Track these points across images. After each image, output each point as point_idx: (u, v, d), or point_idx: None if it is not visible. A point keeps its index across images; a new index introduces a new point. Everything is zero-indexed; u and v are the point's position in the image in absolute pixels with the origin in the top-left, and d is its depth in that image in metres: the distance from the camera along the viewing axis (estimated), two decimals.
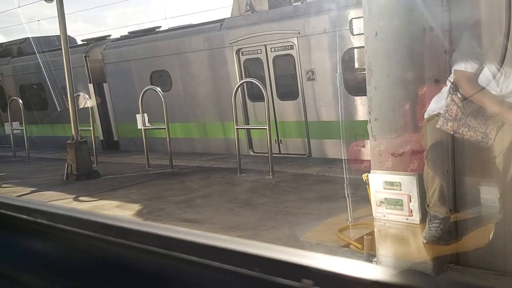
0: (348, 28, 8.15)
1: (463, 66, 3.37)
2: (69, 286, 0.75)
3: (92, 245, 0.69)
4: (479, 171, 3.53)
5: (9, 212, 0.84)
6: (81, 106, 10.38)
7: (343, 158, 4.86)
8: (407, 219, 3.67)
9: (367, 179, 3.88)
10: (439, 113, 3.47)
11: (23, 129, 11.89)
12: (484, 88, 3.32)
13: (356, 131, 7.38)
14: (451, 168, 3.47)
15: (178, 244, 0.57)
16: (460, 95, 3.39)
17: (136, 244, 0.60)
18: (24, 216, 0.80)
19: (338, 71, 7.02)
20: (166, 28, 12.38)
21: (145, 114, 9.39)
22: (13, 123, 12.49)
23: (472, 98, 3.36)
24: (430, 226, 3.46)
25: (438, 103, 3.53)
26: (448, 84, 3.46)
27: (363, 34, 3.86)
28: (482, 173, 3.50)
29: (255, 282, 0.51)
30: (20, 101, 12.01)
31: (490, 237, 3.31)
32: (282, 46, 9.34)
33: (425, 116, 3.57)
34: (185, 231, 0.59)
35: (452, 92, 3.42)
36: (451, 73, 3.46)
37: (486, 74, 3.34)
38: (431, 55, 3.58)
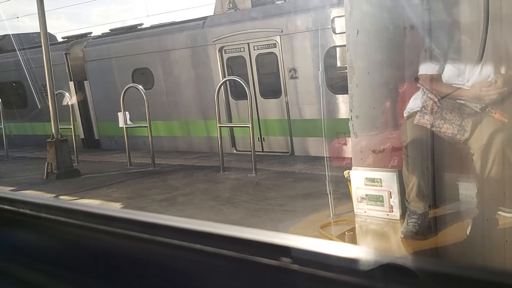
0: (330, 26, 8.21)
1: (425, 70, 3.50)
2: (54, 274, 0.76)
3: (75, 233, 0.70)
4: (457, 168, 3.60)
5: None
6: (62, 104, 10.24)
7: (325, 155, 4.91)
8: (388, 215, 3.73)
9: (349, 175, 3.93)
10: (418, 110, 3.54)
11: (1, 128, 11.69)
12: (451, 85, 3.45)
13: (338, 129, 7.44)
14: (430, 165, 3.54)
15: (160, 229, 0.58)
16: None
17: (120, 231, 0.61)
18: (7, 207, 0.80)
19: (320, 69, 7.07)
20: (149, 25, 12.30)
21: (127, 112, 9.31)
22: None
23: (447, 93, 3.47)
24: (408, 221, 3.52)
25: (416, 101, 3.61)
26: None
27: (345, 32, 3.91)
28: (460, 170, 3.58)
29: (236, 262, 0.52)
30: None
31: (468, 232, 3.39)
32: (265, 45, 9.36)
33: (405, 114, 3.64)
34: (167, 218, 0.61)
35: (426, 91, 3.51)
36: None
37: (452, 70, 3.46)
38: (411, 53, 3.64)
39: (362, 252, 0.51)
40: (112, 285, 0.70)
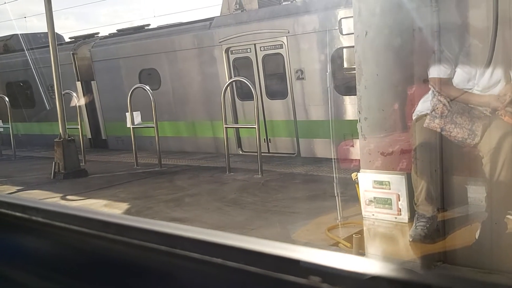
0: (337, 27, 8.19)
1: (436, 73, 3.47)
2: (66, 284, 0.75)
3: (89, 242, 0.69)
4: (466, 171, 3.58)
5: (2, 210, 0.83)
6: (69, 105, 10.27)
7: (332, 157, 4.88)
8: (396, 218, 3.71)
9: (356, 178, 3.91)
10: (427, 113, 3.52)
11: (8, 127, 11.75)
12: (464, 91, 3.42)
13: (345, 131, 7.42)
14: (439, 168, 3.51)
15: (179, 241, 0.57)
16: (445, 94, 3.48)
17: (136, 241, 0.60)
18: (19, 214, 0.79)
19: (328, 71, 7.05)
20: (155, 26, 12.32)
21: (138, 112, 9.33)
22: None
23: (457, 98, 3.44)
24: (417, 224, 3.50)
25: (425, 104, 3.59)
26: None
27: (352, 33, 3.89)
28: (469, 173, 3.55)
29: (261, 279, 0.51)
30: (7, 98, 11.86)
31: (477, 236, 3.36)
32: (272, 45, 9.35)
33: (414, 117, 3.62)
34: (187, 228, 0.59)
35: (437, 94, 3.49)
36: None
37: (462, 75, 3.44)
38: (420, 55, 3.62)
39: (400, 271, 0.49)
40: None
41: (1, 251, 0.86)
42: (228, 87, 8.79)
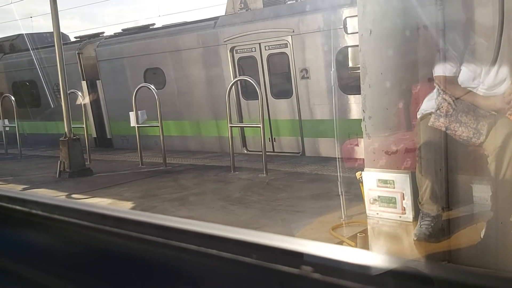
0: (342, 26, 8.17)
1: (442, 71, 3.45)
2: (66, 277, 0.75)
3: (88, 235, 0.69)
4: (471, 170, 3.55)
5: (3, 203, 0.84)
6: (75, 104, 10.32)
7: (337, 156, 4.87)
8: (400, 217, 3.69)
9: (361, 177, 3.89)
10: (432, 112, 3.50)
11: (14, 126, 11.82)
12: (469, 90, 3.40)
13: (350, 130, 7.40)
14: (444, 167, 3.49)
15: (176, 233, 0.57)
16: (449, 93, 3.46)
17: (135, 234, 0.60)
18: (19, 207, 0.80)
19: (332, 69, 7.05)
20: (160, 25, 12.35)
21: (144, 111, 9.35)
22: (4, 120, 12.45)
23: (462, 97, 3.43)
24: (421, 223, 3.48)
25: (430, 102, 3.57)
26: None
27: (357, 32, 3.88)
28: (474, 172, 3.53)
29: (254, 269, 0.51)
30: (13, 98, 11.93)
31: (482, 235, 3.34)
32: (276, 45, 9.34)
33: (418, 116, 3.60)
34: (183, 221, 0.59)
35: (442, 92, 3.47)
36: None
37: (467, 73, 3.42)
38: (425, 54, 3.60)
39: (391, 261, 0.49)
40: None
41: (1, 244, 0.87)
42: (233, 87, 8.79)
